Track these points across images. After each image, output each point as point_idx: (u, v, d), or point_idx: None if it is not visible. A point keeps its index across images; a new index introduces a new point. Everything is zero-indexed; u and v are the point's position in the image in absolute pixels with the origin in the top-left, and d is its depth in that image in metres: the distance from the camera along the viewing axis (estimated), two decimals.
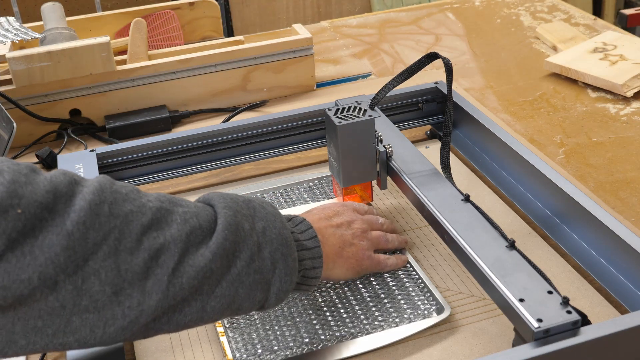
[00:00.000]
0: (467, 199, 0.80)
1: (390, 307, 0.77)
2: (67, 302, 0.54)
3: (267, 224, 0.65)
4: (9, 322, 0.53)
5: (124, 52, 1.30)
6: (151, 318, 0.57)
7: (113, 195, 0.57)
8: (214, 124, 1.12)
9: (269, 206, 0.68)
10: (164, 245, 0.57)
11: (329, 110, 0.86)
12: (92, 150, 0.95)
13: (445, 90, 1.05)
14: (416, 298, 0.78)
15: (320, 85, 1.33)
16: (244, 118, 1.12)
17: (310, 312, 0.77)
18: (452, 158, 1.03)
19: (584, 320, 0.64)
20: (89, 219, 0.54)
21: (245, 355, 0.72)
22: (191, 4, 1.40)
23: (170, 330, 0.60)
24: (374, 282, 0.80)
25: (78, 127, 1.19)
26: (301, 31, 1.27)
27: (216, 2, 1.43)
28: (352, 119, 0.84)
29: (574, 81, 1.27)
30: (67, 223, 0.53)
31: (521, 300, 0.65)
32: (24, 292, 0.52)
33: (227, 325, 0.76)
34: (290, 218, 0.72)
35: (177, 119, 1.21)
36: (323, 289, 0.80)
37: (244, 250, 0.62)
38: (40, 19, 1.29)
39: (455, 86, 1.26)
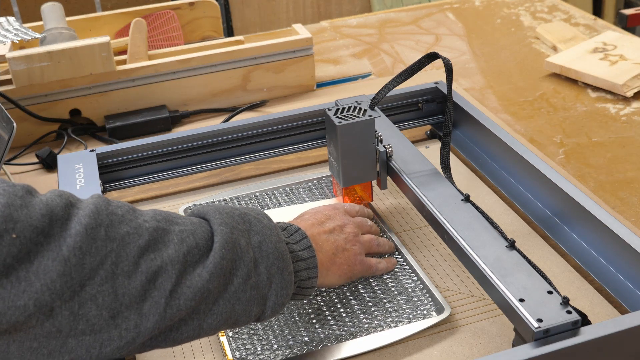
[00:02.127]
0: (467, 199, 0.80)
1: (390, 307, 0.77)
2: (63, 327, 0.53)
3: (263, 238, 0.64)
4: (4, 344, 0.52)
5: (124, 52, 1.30)
6: (148, 338, 0.57)
7: (109, 217, 0.56)
8: (214, 124, 1.12)
9: (265, 218, 0.67)
10: (161, 267, 0.57)
11: (329, 110, 0.86)
12: (92, 150, 0.95)
13: (445, 90, 1.05)
14: (416, 298, 0.78)
15: (320, 85, 1.33)
16: (244, 118, 1.12)
17: (310, 311, 0.77)
18: (452, 158, 1.03)
19: (584, 320, 0.64)
20: (86, 244, 0.53)
21: (245, 355, 0.72)
22: (191, 4, 1.40)
23: (167, 346, 0.60)
24: (374, 282, 0.80)
25: (78, 127, 1.19)
26: (301, 31, 1.27)
27: (216, 2, 1.43)
28: (352, 119, 0.84)
29: (574, 81, 1.27)
30: (63, 248, 0.52)
31: (521, 300, 0.65)
32: (19, 319, 0.51)
33: None
34: (285, 227, 0.71)
35: (177, 119, 1.21)
36: (322, 288, 0.80)
37: (241, 268, 0.61)
38: (40, 19, 1.29)
39: (455, 86, 1.26)
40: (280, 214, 0.93)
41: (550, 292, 0.66)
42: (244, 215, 0.65)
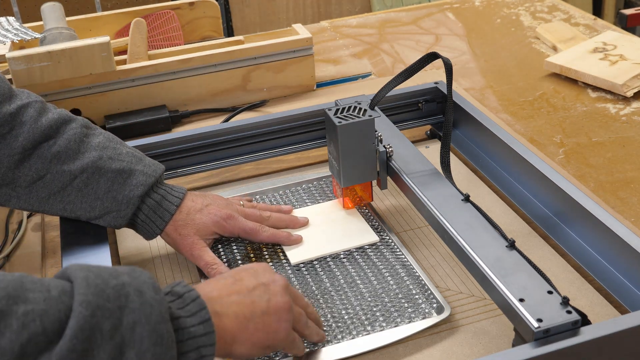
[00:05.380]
0: (467, 199, 0.80)
1: (391, 307, 0.77)
2: None
3: (139, 318, 0.54)
4: None
5: (124, 52, 1.30)
6: None
7: None
8: (214, 124, 1.12)
9: (150, 290, 0.56)
10: None
11: (329, 110, 0.86)
12: None
13: (445, 90, 1.05)
14: (416, 297, 0.78)
15: (320, 85, 1.33)
16: (244, 118, 1.12)
17: None
18: (452, 158, 1.03)
19: (584, 320, 0.64)
20: None
21: None
22: (191, 4, 1.40)
23: None
24: (375, 282, 0.80)
25: None
26: (301, 31, 1.27)
27: (216, 2, 1.43)
28: (352, 119, 0.84)
29: (574, 81, 1.27)
30: None
31: (521, 300, 0.65)
32: None
33: None
34: (181, 294, 0.60)
35: (177, 119, 1.21)
36: (324, 290, 0.80)
37: (99, 357, 0.52)
38: (40, 19, 1.29)
39: (455, 86, 1.26)
40: None
41: (550, 292, 0.66)
42: (121, 288, 0.55)
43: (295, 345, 0.68)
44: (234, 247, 0.87)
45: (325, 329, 0.75)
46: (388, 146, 0.88)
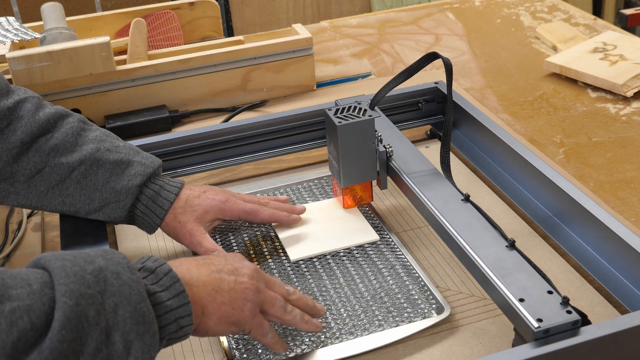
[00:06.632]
0: (467, 199, 0.80)
1: (391, 307, 0.77)
2: None
3: (120, 300, 0.55)
4: None
5: (124, 52, 1.30)
6: None
7: None
8: (214, 124, 1.12)
9: (127, 271, 0.57)
10: None
11: (329, 110, 0.86)
12: None
13: (445, 90, 1.05)
14: (416, 297, 0.78)
15: (320, 85, 1.33)
16: (244, 118, 1.12)
17: None
18: (452, 158, 1.03)
19: (584, 320, 0.64)
20: None
21: (245, 355, 0.72)
22: (191, 4, 1.40)
23: None
24: (374, 282, 0.80)
25: None
26: (301, 31, 1.27)
27: (216, 2, 1.43)
28: (352, 119, 0.84)
29: (574, 81, 1.27)
30: None
31: (521, 300, 0.65)
32: None
33: None
34: (154, 269, 0.61)
35: (177, 119, 1.21)
36: (323, 288, 0.80)
37: (88, 344, 0.52)
38: (40, 19, 1.29)
39: (455, 86, 1.26)
40: None
41: (550, 292, 0.66)
42: (99, 272, 0.56)
43: (263, 331, 0.68)
44: (233, 244, 0.87)
45: (325, 328, 0.75)
46: (388, 146, 0.88)
